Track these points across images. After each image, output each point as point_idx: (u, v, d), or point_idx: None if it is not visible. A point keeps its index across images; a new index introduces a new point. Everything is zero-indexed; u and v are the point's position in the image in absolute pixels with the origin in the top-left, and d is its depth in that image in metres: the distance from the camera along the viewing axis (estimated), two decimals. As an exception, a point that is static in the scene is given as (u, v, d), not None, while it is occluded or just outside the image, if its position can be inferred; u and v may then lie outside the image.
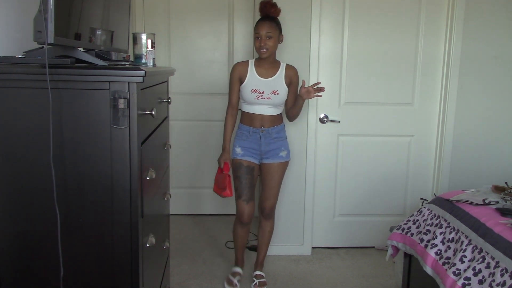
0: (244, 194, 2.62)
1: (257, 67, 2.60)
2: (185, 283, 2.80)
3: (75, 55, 1.49)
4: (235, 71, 2.61)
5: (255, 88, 2.57)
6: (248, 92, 2.57)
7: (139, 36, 1.87)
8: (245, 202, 2.62)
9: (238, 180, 2.63)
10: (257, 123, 2.62)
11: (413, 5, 3.05)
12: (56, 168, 1.33)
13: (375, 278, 2.89)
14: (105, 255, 1.43)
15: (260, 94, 2.56)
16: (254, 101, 2.58)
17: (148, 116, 1.54)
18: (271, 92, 2.58)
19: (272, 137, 2.64)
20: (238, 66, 2.62)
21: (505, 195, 2.20)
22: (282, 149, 2.67)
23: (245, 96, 2.60)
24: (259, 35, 2.51)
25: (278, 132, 2.66)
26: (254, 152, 2.64)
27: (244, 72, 2.59)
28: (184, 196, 3.94)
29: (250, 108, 2.62)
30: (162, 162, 2.01)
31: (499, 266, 1.71)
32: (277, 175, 2.70)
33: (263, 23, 2.51)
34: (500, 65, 3.08)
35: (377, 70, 3.11)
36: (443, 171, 3.17)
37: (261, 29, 2.50)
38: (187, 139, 3.88)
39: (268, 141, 2.63)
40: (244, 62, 2.64)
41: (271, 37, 2.51)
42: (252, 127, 2.62)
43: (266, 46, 2.50)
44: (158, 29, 3.67)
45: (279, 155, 2.67)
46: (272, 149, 2.65)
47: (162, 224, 2.07)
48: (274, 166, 2.67)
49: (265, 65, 2.60)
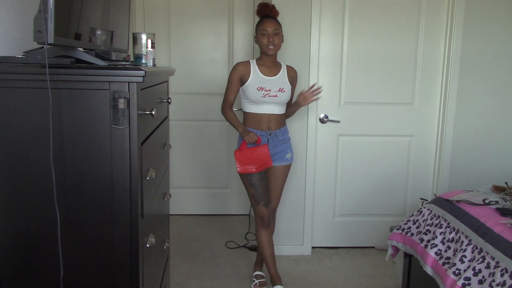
0: (262, 199, 2.58)
1: (260, 66, 2.58)
2: (185, 283, 2.80)
3: (75, 55, 1.49)
4: (236, 70, 2.56)
5: (261, 86, 2.53)
6: (254, 91, 2.53)
7: (139, 36, 1.87)
8: (265, 207, 2.59)
9: (253, 188, 2.56)
10: (265, 125, 2.58)
11: (413, 5, 3.05)
12: (56, 168, 1.33)
13: (375, 278, 2.89)
14: (105, 255, 1.43)
15: (267, 92, 2.53)
16: (261, 99, 2.54)
17: (148, 116, 1.54)
18: (277, 89, 2.55)
19: (279, 139, 2.62)
20: (240, 66, 2.58)
21: (505, 195, 2.20)
22: (287, 151, 2.67)
23: (251, 95, 2.55)
24: (267, 32, 2.48)
25: (284, 134, 2.66)
26: None
27: (247, 71, 2.56)
28: (184, 196, 3.94)
29: (256, 108, 2.57)
30: (162, 162, 2.01)
31: (499, 266, 1.71)
32: (281, 177, 2.70)
33: (269, 20, 2.50)
34: (500, 65, 3.08)
35: (377, 70, 3.11)
36: (443, 171, 3.17)
37: (268, 26, 2.48)
38: (187, 139, 3.88)
39: (275, 144, 2.61)
40: (246, 62, 2.61)
41: (278, 33, 2.50)
42: (260, 130, 2.58)
43: (274, 42, 2.49)
44: (158, 29, 3.67)
45: (285, 158, 2.66)
46: (278, 151, 2.63)
47: (162, 224, 2.07)
48: (279, 169, 2.67)
49: (267, 64, 2.59)
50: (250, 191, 2.59)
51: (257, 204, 2.58)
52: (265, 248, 2.64)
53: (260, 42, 2.52)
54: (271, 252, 2.66)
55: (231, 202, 4.00)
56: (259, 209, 2.58)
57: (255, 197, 2.57)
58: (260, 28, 2.52)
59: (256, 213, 2.61)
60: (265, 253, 2.65)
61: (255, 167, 2.50)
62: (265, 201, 2.58)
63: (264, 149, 2.51)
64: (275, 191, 2.71)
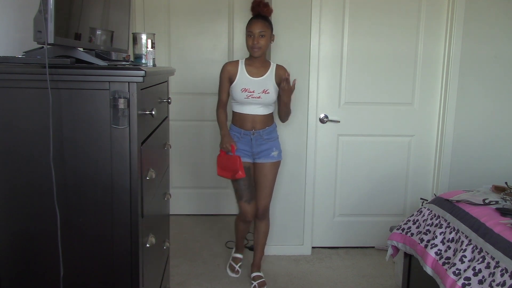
0: (245, 195, 2.66)
1: (248, 66, 2.61)
2: (185, 283, 2.80)
3: (75, 55, 1.49)
4: (225, 71, 2.62)
5: (245, 87, 2.57)
6: (239, 92, 2.58)
7: (139, 36, 1.87)
8: (247, 203, 2.67)
9: (236, 183, 2.65)
10: (248, 125, 2.62)
11: (413, 5, 3.05)
12: (56, 168, 1.33)
13: (375, 278, 2.89)
14: (105, 255, 1.43)
15: (250, 93, 2.57)
16: (245, 100, 2.59)
17: (148, 116, 1.54)
18: (261, 91, 2.58)
19: (263, 138, 2.65)
20: (228, 66, 2.62)
21: (505, 195, 2.20)
22: (273, 149, 2.69)
23: (235, 96, 2.61)
24: (252, 34, 2.51)
25: (269, 133, 2.68)
26: (246, 153, 2.66)
27: (234, 71, 2.60)
28: (184, 196, 3.94)
29: (241, 108, 2.62)
30: (162, 162, 2.01)
31: (499, 266, 1.71)
32: (270, 174, 2.72)
33: (257, 22, 2.52)
34: (500, 65, 3.08)
35: (377, 70, 3.11)
36: (443, 171, 3.17)
37: (254, 27, 2.51)
38: (187, 139, 3.88)
39: (259, 143, 2.65)
40: (234, 61, 2.66)
41: (264, 35, 2.52)
42: (244, 129, 2.63)
43: (259, 44, 2.51)
44: (158, 29, 3.67)
45: (270, 155, 2.69)
46: (263, 149, 2.67)
47: (162, 224, 2.07)
48: (266, 166, 2.70)
49: (256, 64, 2.61)
50: (234, 185, 2.70)
51: (240, 200, 2.70)
52: (240, 231, 2.89)
53: (246, 43, 2.57)
54: (244, 234, 2.91)
55: (231, 202, 3.99)
56: (241, 204, 2.70)
57: (238, 192, 2.69)
58: (247, 29, 2.55)
59: (239, 207, 2.74)
60: (238, 235, 2.91)
61: (229, 174, 2.61)
62: (248, 198, 2.67)
63: (235, 160, 2.56)
64: (265, 189, 2.73)
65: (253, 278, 2.79)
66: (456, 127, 3.12)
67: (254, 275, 2.81)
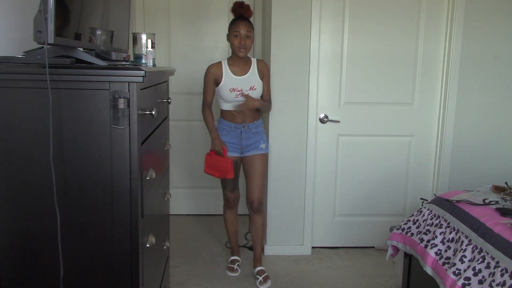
0: (229, 186, 2.83)
1: (231, 66, 2.69)
2: (185, 283, 2.80)
3: (75, 55, 1.49)
4: (209, 74, 2.69)
5: (233, 87, 2.66)
6: (227, 92, 2.67)
7: (139, 36, 1.87)
8: (230, 192, 2.85)
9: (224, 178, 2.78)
10: (239, 119, 2.74)
11: (413, 5, 3.04)
12: (56, 168, 1.33)
13: (375, 278, 2.89)
14: (105, 255, 1.43)
15: (239, 92, 2.66)
16: (234, 99, 2.68)
17: (148, 116, 1.54)
18: (248, 88, 2.68)
19: (252, 131, 2.76)
20: (212, 69, 2.69)
21: (505, 195, 2.20)
22: (261, 142, 2.80)
23: (224, 96, 2.69)
24: (239, 34, 2.58)
25: (257, 127, 2.79)
26: (235, 146, 2.75)
27: (219, 73, 2.67)
28: (184, 196, 3.94)
29: (231, 106, 2.72)
30: (162, 162, 2.01)
31: (499, 266, 1.71)
32: (260, 166, 2.79)
33: (243, 23, 2.58)
34: (500, 65, 3.08)
35: (377, 70, 3.11)
36: (443, 171, 3.17)
37: (241, 28, 2.57)
38: (187, 139, 3.88)
39: (248, 136, 2.75)
40: (217, 63, 2.71)
41: (249, 36, 2.60)
42: (234, 123, 2.74)
43: (245, 45, 2.59)
44: (158, 29, 3.67)
45: (259, 147, 2.78)
46: (252, 142, 2.77)
47: (162, 224, 2.07)
48: (256, 158, 2.78)
49: (239, 63, 2.69)
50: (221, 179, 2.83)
51: (224, 189, 2.86)
52: (229, 225, 2.98)
53: (232, 43, 2.62)
54: (234, 229, 3.00)
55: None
56: (225, 193, 2.87)
57: (223, 182, 2.83)
58: (233, 29, 2.60)
59: (224, 196, 2.90)
60: (228, 229, 3.00)
61: (217, 173, 2.74)
62: (231, 188, 2.83)
63: (226, 162, 2.69)
64: (256, 181, 2.79)
65: (257, 273, 2.82)
66: (456, 127, 3.12)
67: (258, 270, 2.84)
